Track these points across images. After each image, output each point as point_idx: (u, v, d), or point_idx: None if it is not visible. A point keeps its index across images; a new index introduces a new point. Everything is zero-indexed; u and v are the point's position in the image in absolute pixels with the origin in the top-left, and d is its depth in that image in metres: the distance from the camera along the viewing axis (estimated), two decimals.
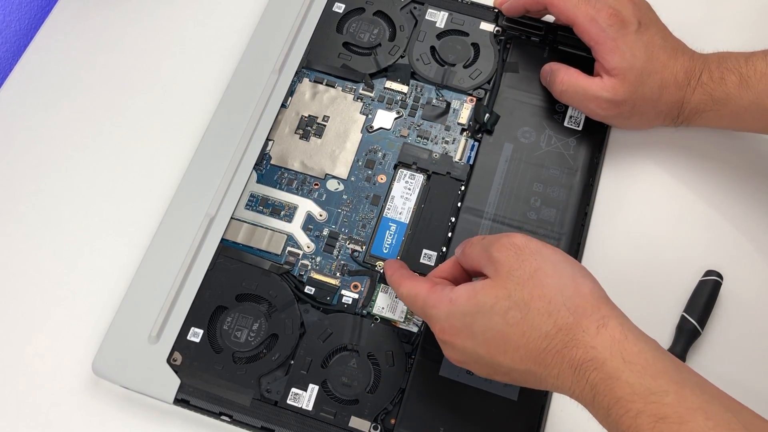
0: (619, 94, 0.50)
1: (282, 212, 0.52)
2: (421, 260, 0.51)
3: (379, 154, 0.54)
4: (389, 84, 0.56)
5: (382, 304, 0.49)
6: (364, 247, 0.51)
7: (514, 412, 0.46)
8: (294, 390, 0.47)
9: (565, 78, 0.52)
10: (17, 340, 0.50)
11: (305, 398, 0.47)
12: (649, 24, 0.51)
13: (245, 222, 0.52)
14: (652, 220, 0.53)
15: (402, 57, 0.57)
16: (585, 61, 0.54)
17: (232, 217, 0.52)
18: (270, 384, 0.47)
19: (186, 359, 0.48)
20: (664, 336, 0.50)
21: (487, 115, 0.54)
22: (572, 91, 0.52)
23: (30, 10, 0.65)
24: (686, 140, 0.55)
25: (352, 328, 0.48)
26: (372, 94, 0.56)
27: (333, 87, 0.57)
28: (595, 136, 0.54)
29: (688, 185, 0.54)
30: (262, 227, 0.52)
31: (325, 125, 0.55)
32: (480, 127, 0.54)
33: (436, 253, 0.51)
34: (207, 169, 0.53)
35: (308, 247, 0.51)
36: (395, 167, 0.54)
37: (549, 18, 0.57)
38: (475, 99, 0.56)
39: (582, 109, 0.53)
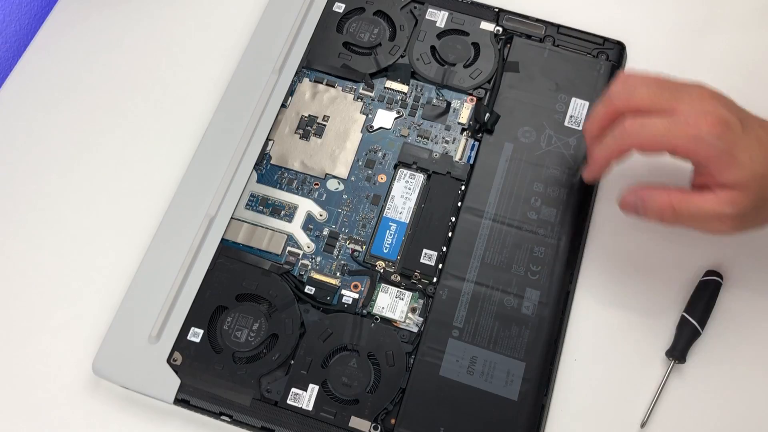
0: (743, 207, 0.44)
1: (282, 212, 0.52)
2: (422, 260, 0.50)
3: (379, 154, 0.54)
4: (389, 84, 0.56)
5: (382, 304, 0.49)
6: (364, 247, 0.51)
7: (514, 412, 0.46)
8: (294, 390, 0.47)
9: (674, 201, 0.46)
10: (17, 340, 0.50)
11: (305, 398, 0.47)
12: (745, 117, 0.45)
13: (245, 222, 0.52)
14: None
15: (402, 57, 0.57)
16: (586, 60, 0.54)
17: (232, 217, 0.52)
18: (270, 384, 0.47)
19: (186, 359, 0.48)
20: (664, 336, 0.50)
21: (488, 114, 0.54)
22: (688, 214, 0.45)
23: (30, 10, 0.65)
24: None
25: (352, 328, 0.48)
26: (372, 94, 0.56)
27: (333, 87, 0.57)
28: None
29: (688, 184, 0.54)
30: (262, 227, 0.52)
31: (325, 125, 0.55)
32: (480, 127, 0.54)
33: (436, 253, 0.51)
34: (207, 169, 0.53)
35: (308, 247, 0.51)
36: (395, 167, 0.54)
37: (549, 17, 0.57)
38: (475, 99, 0.56)
39: (698, 230, 0.47)
